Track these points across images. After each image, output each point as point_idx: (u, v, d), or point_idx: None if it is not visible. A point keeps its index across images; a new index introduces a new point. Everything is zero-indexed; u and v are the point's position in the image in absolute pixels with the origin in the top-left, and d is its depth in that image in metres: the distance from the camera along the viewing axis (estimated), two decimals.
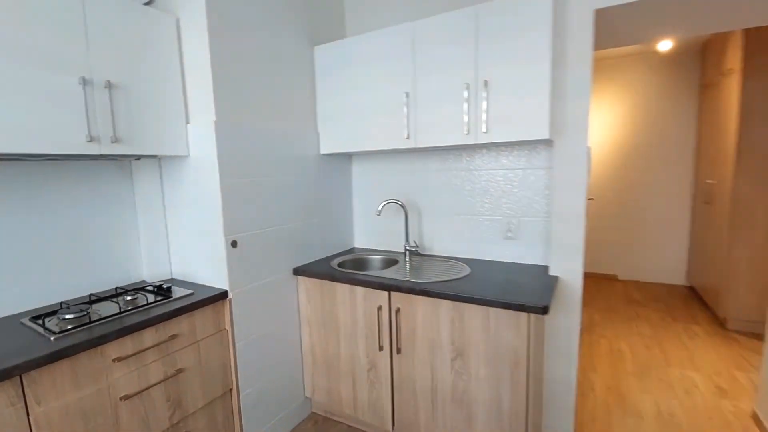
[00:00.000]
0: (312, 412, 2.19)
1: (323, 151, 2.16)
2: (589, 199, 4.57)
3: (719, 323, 3.24)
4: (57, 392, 1.18)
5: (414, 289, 1.63)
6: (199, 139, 1.64)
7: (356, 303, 1.84)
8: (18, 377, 1.10)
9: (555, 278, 1.70)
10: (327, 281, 1.92)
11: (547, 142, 1.80)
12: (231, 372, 1.71)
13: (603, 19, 1.69)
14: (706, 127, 3.75)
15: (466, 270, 1.84)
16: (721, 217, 3.23)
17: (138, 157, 1.64)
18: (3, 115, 1.16)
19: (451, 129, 1.75)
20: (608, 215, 4.57)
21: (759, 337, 2.97)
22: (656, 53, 4.16)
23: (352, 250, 2.42)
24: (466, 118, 1.69)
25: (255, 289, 1.79)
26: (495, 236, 2.02)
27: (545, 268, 1.85)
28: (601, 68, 4.44)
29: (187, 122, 1.68)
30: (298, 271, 1.99)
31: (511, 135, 1.61)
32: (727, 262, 3.09)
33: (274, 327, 1.90)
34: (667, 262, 4.35)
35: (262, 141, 1.79)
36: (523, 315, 1.42)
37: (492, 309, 1.48)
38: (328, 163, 2.24)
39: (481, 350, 1.53)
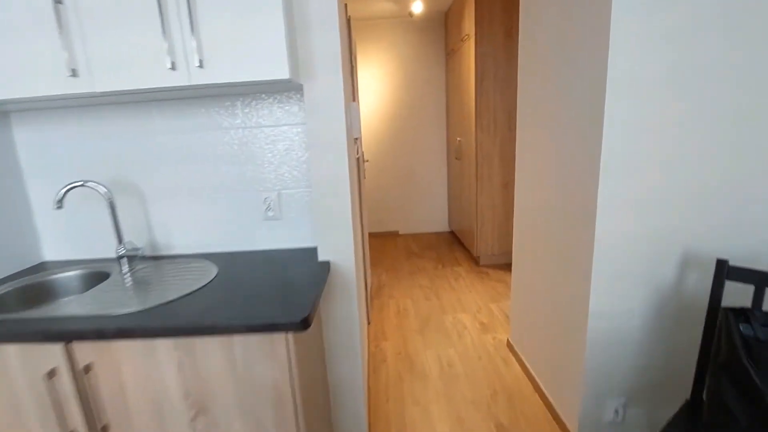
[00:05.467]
0: None
1: None
2: (366, 161, 4.62)
3: (474, 261, 3.79)
4: None
5: (105, 331, 0.98)
6: None
7: (8, 371, 1.04)
8: None
9: (326, 264, 1.35)
10: None
11: (298, 88, 1.37)
12: None
13: None
14: (453, 89, 4.19)
15: (212, 273, 1.29)
16: (470, 171, 3.68)
17: None
18: None
19: (146, 63, 1.09)
20: (385, 176, 4.76)
21: (501, 267, 3.58)
22: (411, 17, 4.34)
23: (39, 267, 1.49)
24: (165, 46, 1.07)
25: None
26: (253, 217, 1.52)
27: (314, 251, 1.48)
28: (363, 29, 4.38)
29: None
30: None
31: (241, 73, 1.09)
32: (475, 209, 3.55)
33: None
34: (433, 213, 4.88)
35: None
36: (279, 336, 0.99)
37: (236, 337, 1.00)
38: None
39: (230, 396, 1.05)
